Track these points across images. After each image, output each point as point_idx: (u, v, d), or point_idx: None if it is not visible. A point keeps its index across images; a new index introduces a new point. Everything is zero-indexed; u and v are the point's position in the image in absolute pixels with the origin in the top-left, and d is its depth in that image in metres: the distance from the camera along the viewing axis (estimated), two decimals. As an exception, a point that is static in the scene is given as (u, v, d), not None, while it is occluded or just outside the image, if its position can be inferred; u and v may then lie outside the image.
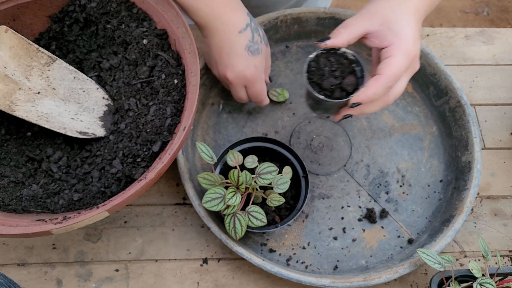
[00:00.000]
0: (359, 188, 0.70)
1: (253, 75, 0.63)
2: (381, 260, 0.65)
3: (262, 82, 0.65)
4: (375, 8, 0.56)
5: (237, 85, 0.65)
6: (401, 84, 0.56)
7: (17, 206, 0.55)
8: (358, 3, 1.94)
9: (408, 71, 0.56)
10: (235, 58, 0.62)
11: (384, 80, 0.53)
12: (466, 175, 0.67)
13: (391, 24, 0.54)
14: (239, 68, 0.62)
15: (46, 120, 0.58)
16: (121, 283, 0.62)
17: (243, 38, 0.61)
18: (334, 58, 0.57)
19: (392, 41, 0.54)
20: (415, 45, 0.54)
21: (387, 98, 0.56)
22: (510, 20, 1.95)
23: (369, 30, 0.55)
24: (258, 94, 0.66)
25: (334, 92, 0.56)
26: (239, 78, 0.63)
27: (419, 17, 0.56)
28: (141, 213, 0.66)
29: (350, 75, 0.56)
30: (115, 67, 0.63)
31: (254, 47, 0.62)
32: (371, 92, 0.53)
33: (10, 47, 0.57)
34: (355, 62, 0.57)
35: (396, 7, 0.55)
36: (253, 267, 0.63)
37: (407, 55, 0.54)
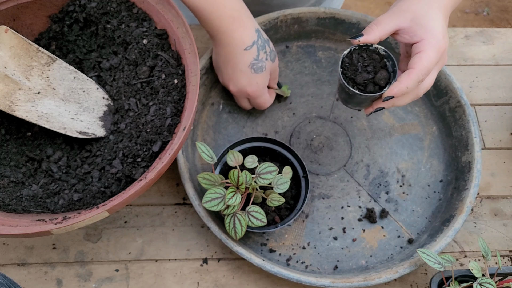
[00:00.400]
0: (359, 188, 0.70)
1: (254, 91, 0.67)
2: (381, 260, 0.65)
3: (264, 96, 0.69)
4: (405, 5, 0.58)
5: (240, 97, 0.70)
6: (431, 78, 0.58)
7: (17, 206, 0.55)
8: (358, 3, 1.94)
9: (438, 65, 0.58)
10: (238, 73, 0.66)
11: (416, 74, 0.55)
12: (466, 175, 0.67)
13: (421, 20, 0.57)
14: (241, 83, 0.67)
15: (46, 120, 0.58)
16: (121, 283, 0.62)
17: (248, 56, 0.64)
18: (366, 54, 0.59)
19: (422, 37, 0.56)
20: (444, 39, 0.57)
21: (418, 91, 0.58)
22: (510, 20, 1.95)
23: (400, 26, 0.57)
24: (261, 106, 0.71)
25: (367, 86, 0.58)
26: (241, 92, 0.68)
27: (446, 13, 0.59)
28: (141, 213, 0.66)
29: (382, 69, 0.58)
30: (115, 67, 0.63)
31: (258, 65, 0.65)
32: (404, 86, 0.55)
33: (10, 47, 0.57)
34: (386, 57, 0.59)
35: (425, 4, 0.58)
36: (253, 267, 0.63)
37: (437, 50, 0.56)
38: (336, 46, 0.80)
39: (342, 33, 0.78)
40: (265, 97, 0.69)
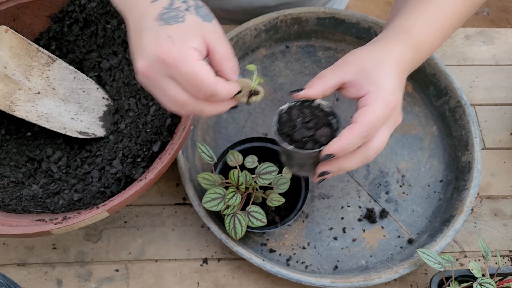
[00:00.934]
0: (359, 188, 0.70)
1: (168, 51, 0.41)
2: (381, 260, 0.65)
3: (193, 62, 0.41)
4: (352, 57, 0.52)
5: (158, 78, 0.43)
6: (381, 137, 0.51)
7: (17, 206, 0.55)
8: (358, 3, 1.95)
9: (388, 123, 0.51)
10: (144, 36, 0.43)
11: (359, 129, 0.48)
12: (466, 175, 0.67)
13: (368, 72, 0.50)
14: (149, 47, 0.42)
15: (46, 120, 0.58)
16: (121, 283, 0.62)
17: (155, 7, 0.44)
18: (308, 110, 0.52)
19: (369, 90, 0.50)
20: (395, 95, 0.50)
21: (367, 152, 0.50)
22: (510, 20, 1.95)
23: (345, 79, 0.51)
24: (195, 82, 0.41)
25: (306, 144, 0.51)
26: (153, 63, 0.42)
27: (401, 69, 0.52)
28: (141, 213, 0.66)
29: (325, 127, 0.51)
30: (115, 67, 0.63)
31: (170, 14, 0.43)
32: (345, 142, 0.48)
33: (10, 47, 0.57)
34: (331, 114, 0.52)
35: (373, 56, 0.52)
36: (253, 267, 0.63)
37: (385, 105, 0.49)
38: (336, 46, 0.80)
39: (342, 33, 0.78)
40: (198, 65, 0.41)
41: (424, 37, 0.55)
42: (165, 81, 0.42)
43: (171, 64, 0.41)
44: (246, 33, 0.75)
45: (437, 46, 0.58)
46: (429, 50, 0.56)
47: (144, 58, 0.42)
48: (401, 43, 0.53)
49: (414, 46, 0.54)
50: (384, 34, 0.55)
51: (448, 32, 0.58)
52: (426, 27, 0.55)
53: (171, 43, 0.41)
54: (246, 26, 0.74)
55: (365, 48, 0.53)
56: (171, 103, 0.44)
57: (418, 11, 0.55)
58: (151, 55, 0.41)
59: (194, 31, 0.43)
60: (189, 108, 0.44)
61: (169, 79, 0.42)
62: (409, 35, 0.54)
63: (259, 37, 0.77)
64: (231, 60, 0.46)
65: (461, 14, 0.57)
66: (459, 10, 0.57)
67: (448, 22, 0.56)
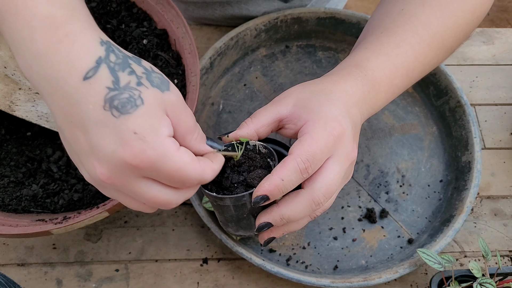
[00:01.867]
0: (359, 188, 0.70)
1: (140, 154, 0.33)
2: (381, 260, 0.65)
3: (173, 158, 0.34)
4: (287, 92, 0.46)
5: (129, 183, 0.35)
6: (329, 174, 0.41)
7: (17, 206, 0.55)
8: (358, 3, 1.94)
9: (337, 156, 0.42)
10: (94, 133, 0.33)
11: (294, 160, 0.40)
12: (466, 175, 0.67)
13: (306, 103, 0.43)
14: (108, 149, 0.33)
15: (46, 120, 0.58)
16: (121, 283, 0.62)
17: (94, 88, 0.33)
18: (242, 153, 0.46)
19: (307, 119, 0.42)
20: (339, 122, 0.42)
21: (313, 193, 0.41)
22: (510, 20, 1.95)
23: (281, 114, 0.44)
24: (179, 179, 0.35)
25: (236, 189, 0.44)
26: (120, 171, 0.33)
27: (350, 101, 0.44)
28: (141, 213, 0.66)
29: (258, 169, 0.45)
30: (115, 67, 0.63)
31: (121, 98, 0.33)
32: (278, 178, 0.39)
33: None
34: (269, 155, 0.46)
35: (314, 88, 0.45)
36: (253, 267, 0.64)
37: (326, 132, 0.41)
38: (336, 46, 0.80)
39: (342, 33, 0.78)
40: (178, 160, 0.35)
41: (380, 72, 0.47)
42: (139, 183, 0.35)
43: (147, 167, 0.33)
44: (246, 33, 0.75)
45: (399, 85, 0.50)
46: (388, 87, 0.48)
47: (103, 164, 0.33)
48: (351, 77, 0.46)
49: (367, 80, 0.46)
50: (332, 70, 0.49)
51: (413, 73, 0.50)
52: (382, 60, 0.48)
53: (141, 142, 0.32)
54: (246, 26, 0.74)
55: (307, 82, 0.47)
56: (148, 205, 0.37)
57: (374, 46, 0.49)
58: (114, 160, 0.33)
59: (158, 110, 0.34)
60: (173, 204, 0.37)
61: (144, 180, 0.35)
62: (361, 69, 0.47)
63: (259, 37, 0.77)
64: (195, 130, 0.38)
65: (426, 55, 0.50)
66: (424, 50, 0.50)
67: (411, 61, 0.49)
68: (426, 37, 0.50)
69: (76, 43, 0.33)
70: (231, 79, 0.77)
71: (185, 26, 0.58)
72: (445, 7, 0.51)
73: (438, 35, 0.51)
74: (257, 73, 0.77)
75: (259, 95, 0.76)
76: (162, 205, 0.37)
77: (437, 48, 0.51)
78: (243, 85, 0.76)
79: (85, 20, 0.35)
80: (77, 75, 0.32)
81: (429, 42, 0.50)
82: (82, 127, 0.33)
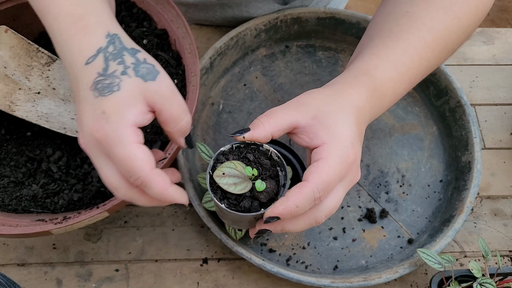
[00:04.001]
0: (359, 188, 0.70)
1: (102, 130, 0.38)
2: (381, 260, 0.65)
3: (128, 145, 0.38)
4: (307, 99, 0.45)
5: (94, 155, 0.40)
6: (335, 198, 0.43)
7: (17, 206, 0.55)
8: (358, 3, 1.94)
9: (344, 181, 0.44)
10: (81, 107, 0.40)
11: (311, 189, 0.40)
12: (466, 175, 0.67)
13: (325, 119, 0.43)
14: (85, 121, 0.39)
15: (46, 120, 0.58)
16: (121, 283, 0.62)
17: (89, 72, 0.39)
18: (253, 155, 0.44)
19: (324, 140, 0.42)
20: (353, 149, 0.43)
21: (317, 213, 0.43)
22: (510, 20, 1.95)
23: (298, 123, 0.43)
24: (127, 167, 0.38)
25: (242, 200, 0.43)
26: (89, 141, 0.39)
27: (361, 119, 0.46)
28: (141, 213, 0.66)
29: (269, 179, 0.43)
30: (115, 67, 0.63)
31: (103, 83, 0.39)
32: (293, 204, 0.40)
33: (10, 47, 0.57)
34: (279, 165, 0.44)
35: (332, 101, 0.44)
36: (253, 267, 0.63)
37: (343, 160, 0.42)
38: (336, 46, 0.80)
39: (342, 33, 0.78)
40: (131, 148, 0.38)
41: (387, 82, 0.48)
42: (100, 158, 0.39)
43: (105, 144, 0.38)
44: (246, 33, 0.75)
45: (402, 93, 0.51)
46: (392, 96, 0.49)
47: (81, 131, 0.40)
48: (362, 87, 0.46)
49: (375, 91, 0.47)
50: (343, 76, 0.48)
51: (415, 78, 0.51)
52: (390, 69, 0.48)
53: (105, 121, 0.38)
54: (246, 26, 0.74)
55: (323, 90, 0.46)
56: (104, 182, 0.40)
57: (382, 52, 0.49)
58: (87, 131, 0.39)
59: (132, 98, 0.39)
60: (120, 193, 0.40)
61: (104, 157, 0.39)
62: (371, 78, 0.47)
63: (259, 37, 0.77)
64: (180, 120, 0.41)
65: (429, 59, 0.51)
66: (427, 55, 0.50)
67: (416, 67, 0.50)
68: (431, 42, 0.50)
69: (86, 35, 0.41)
70: (231, 79, 0.77)
71: (185, 26, 0.58)
72: (449, 10, 0.50)
73: (442, 39, 0.50)
74: (257, 73, 0.77)
75: (259, 95, 0.76)
76: (111, 187, 0.40)
77: (440, 51, 0.51)
78: (243, 85, 0.77)
79: (98, 16, 0.42)
80: (81, 61, 0.40)
81: (433, 47, 0.50)
82: (77, 101, 0.40)
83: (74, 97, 0.41)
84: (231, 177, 0.43)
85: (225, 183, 0.42)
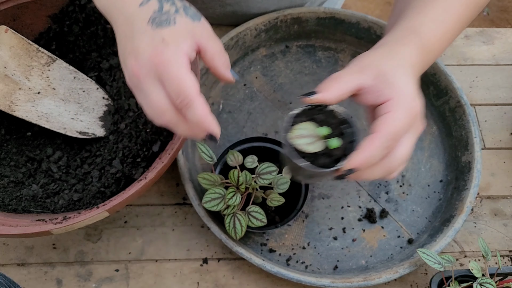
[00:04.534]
0: (359, 188, 0.70)
1: (161, 53, 0.42)
2: (381, 260, 0.65)
3: (182, 66, 0.42)
4: (367, 61, 0.48)
5: (147, 80, 0.43)
6: (405, 147, 0.47)
7: (17, 206, 0.55)
8: (358, 3, 1.95)
9: (411, 132, 0.47)
10: (137, 38, 0.44)
11: (381, 139, 0.44)
12: (466, 175, 0.67)
13: (388, 77, 0.47)
14: (142, 49, 0.43)
15: (46, 120, 0.58)
16: (121, 283, 0.62)
17: (145, 11, 0.44)
18: (321, 116, 0.47)
19: (390, 96, 0.46)
20: (415, 101, 0.47)
21: (390, 163, 0.46)
22: (510, 20, 1.95)
23: (363, 84, 0.47)
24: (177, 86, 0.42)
25: (318, 158, 0.46)
26: (145, 65, 0.43)
27: (415, 73, 0.49)
28: (141, 213, 0.66)
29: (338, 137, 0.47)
30: (115, 67, 0.63)
31: (161, 18, 0.44)
32: (368, 154, 0.44)
33: (10, 47, 0.57)
34: (345, 122, 0.47)
35: (389, 60, 0.48)
36: (253, 267, 0.63)
37: (408, 112, 0.46)
38: (336, 46, 0.80)
39: (342, 33, 0.78)
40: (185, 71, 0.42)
41: (433, 39, 0.52)
42: (152, 83, 0.43)
43: (162, 67, 0.42)
44: (246, 33, 0.75)
45: (443, 50, 0.55)
46: (436, 53, 0.54)
47: (137, 59, 0.43)
48: (412, 45, 0.50)
49: (423, 48, 0.51)
50: (392, 36, 0.52)
51: (454, 35, 0.55)
52: (435, 27, 0.52)
53: (164, 46, 0.42)
54: (246, 26, 0.74)
55: (377, 51, 0.50)
56: (151, 108, 0.44)
57: (426, 10, 0.53)
58: (144, 56, 0.42)
59: (185, 33, 0.44)
60: (165, 117, 0.43)
61: (156, 82, 0.42)
62: (419, 36, 0.51)
63: (259, 37, 0.77)
64: (222, 56, 0.46)
65: (466, 16, 0.55)
66: (464, 12, 0.54)
67: (455, 25, 0.54)
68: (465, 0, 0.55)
69: None
70: (231, 79, 0.77)
71: (185, 26, 0.58)
72: None
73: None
74: (257, 73, 0.78)
75: (259, 95, 0.76)
76: (158, 111, 0.43)
77: (473, 7, 0.56)
78: (243, 85, 0.77)
79: None
80: (135, 4, 0.44)
81: (468, 4, 0.55)
82: (131, 37, 0.44)
83: (123, 37, 0.45)
84: (305, 137, 0.46)
85: (301, 143, 0.45)
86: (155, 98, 0.43)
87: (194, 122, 0.43)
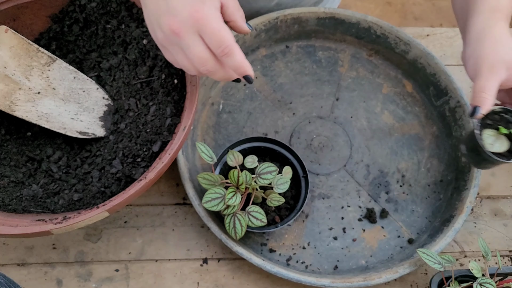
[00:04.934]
0: (359, 188, 0.70)
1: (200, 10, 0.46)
2: (381, 260, 0.65)
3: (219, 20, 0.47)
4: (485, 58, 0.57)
5: (188, 35, 0.47)
6: None
7: (17, 206, 0.55)
8: (358, 3, 1.95)
9: None
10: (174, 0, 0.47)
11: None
12: (466, 175, 0.67)
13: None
14: (181, 7, 0.46)
15: (46, 120, 0.58)
16: (121, 283, 0.62)
17: None
18: (488, 118, 0.60)
19: None
20: None
21: None
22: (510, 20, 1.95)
23: (501, 80, 0.56)
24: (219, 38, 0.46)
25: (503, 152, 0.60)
26: (186, 21, 0.46)
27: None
28: (141, 213, 0.66)
29: None
30: (115, 67, 0.63)
31: None
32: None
33: (10, 47, 0.57)
34: (505, 112, 0.60)
35: (502, 46, 0.56)
36: (253, 267, 0.63)
37: None
38: (336, 46, 0.80)
39: (342, 33, 0.78)
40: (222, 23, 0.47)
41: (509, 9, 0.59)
42: (193, 37, 0.46)
43: (202, 21, 0.45)
44: (246, 33, 0.75)
45: None
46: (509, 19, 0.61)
47: (176, 17, 0.46)
48: (502, 23, 0.57)
49: (507, 17, 0.59)
50: (481, 19, 0.58)
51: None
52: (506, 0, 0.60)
53: (202, 3, 0.46)
54: (246, 26, 0.74)
55: (485, 43, 0.57)
56: (192, 60, 0.47)
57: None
58: (184, 13, 0.45)
59: None
60: (207, 66, 0.47)
61: (197, 35, 0.46)
62: (501, 12, 0.58)
63: (259, 37, 0.77)
64: (240, 11, 0.51)
65: None
66: None
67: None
68: None
69: None
70: (231, 79, 0.77)
71: (185, 26, 0.58)
72: None
73: None
74: (257, 73, 0.77)
75: (259, 95, 0.76)
76: (199, 62, 0.47)
77: None
78: (243, 85, 0.76)
79: None
80: None
81: None
82: None
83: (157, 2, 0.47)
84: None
85: (489, 143, 0.60)
86: (197, 50, 0.46)
87: (233, 67, 0.48)
